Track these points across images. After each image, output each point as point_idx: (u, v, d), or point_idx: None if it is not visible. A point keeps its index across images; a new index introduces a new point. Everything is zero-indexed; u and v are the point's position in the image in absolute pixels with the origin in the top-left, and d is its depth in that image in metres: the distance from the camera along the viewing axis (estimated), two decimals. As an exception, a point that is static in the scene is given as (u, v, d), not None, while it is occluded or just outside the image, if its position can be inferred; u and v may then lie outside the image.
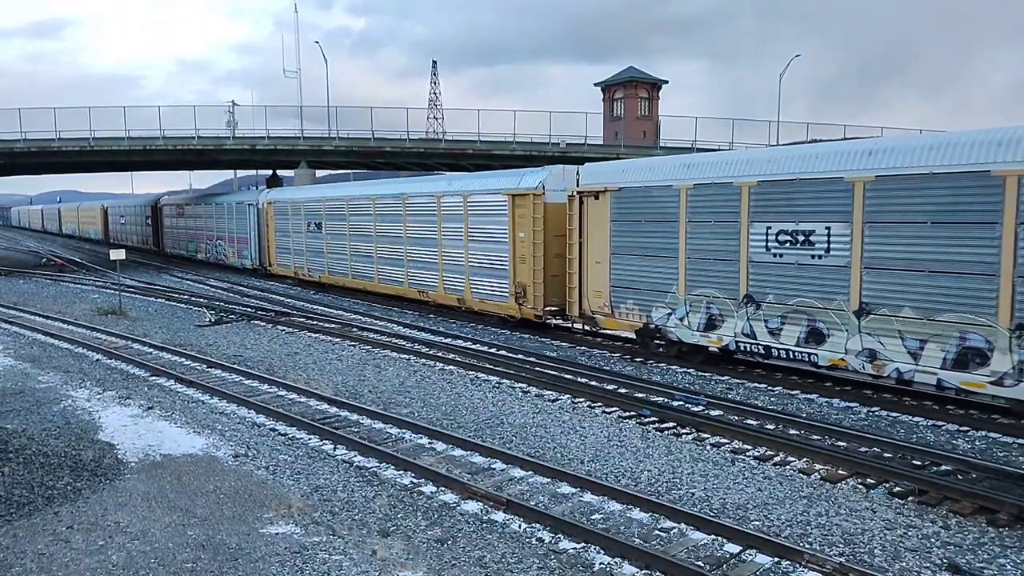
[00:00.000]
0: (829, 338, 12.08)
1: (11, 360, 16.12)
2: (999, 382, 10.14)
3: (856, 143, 12.56)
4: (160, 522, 7.79)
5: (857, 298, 11.66)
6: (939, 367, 10.77)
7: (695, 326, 14.14)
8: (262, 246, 33.58)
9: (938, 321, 10.72)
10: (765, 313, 12.91)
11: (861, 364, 11.70)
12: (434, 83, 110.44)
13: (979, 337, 10.33)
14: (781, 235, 12.60)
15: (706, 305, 13.91)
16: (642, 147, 48.83)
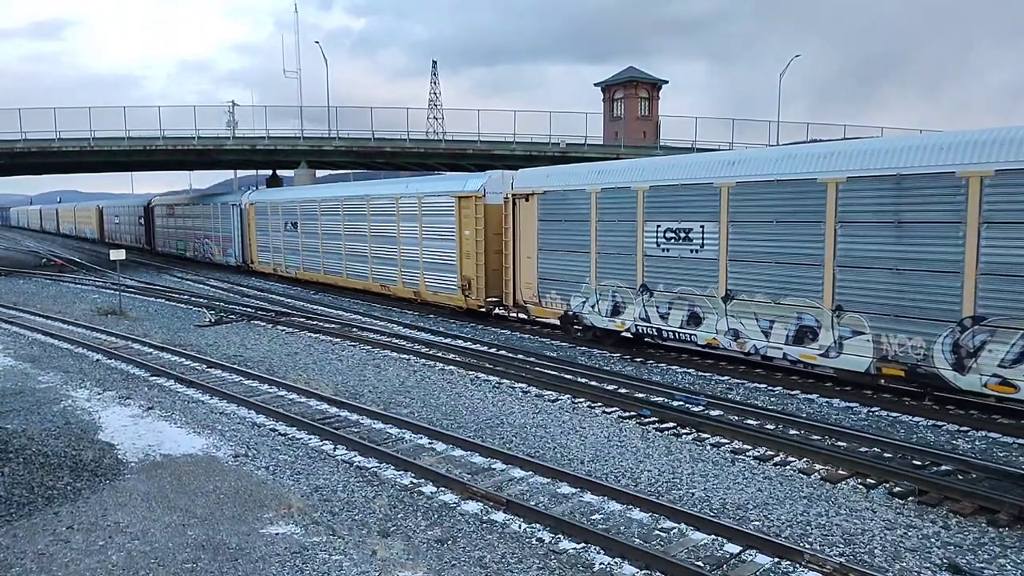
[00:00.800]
0: (704, 320, 14.03)
1: (11, 360, 16.12)
2: (825, 354, 12.19)
3: (723, 154, 14.88)
4: (160, 522, 7.79)
5: (724, 286, 13.66)
6: (783, 343, 12.82)
7: (604, 312, 16.10)
8: (245, 244, 35.27)
9: (783, 304, 12.75)
10: (656, 300, 14.92)
11: (728, 342, 13.68)
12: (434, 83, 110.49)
13: (811, 317, 12.38)
14: (668, 232, 14.58)
15: (612, 294, 15.86)
16: (642, 147, 48.82)
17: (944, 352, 10.73)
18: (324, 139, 40.45)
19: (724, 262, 13.56)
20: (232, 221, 36.44)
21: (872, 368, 11.66)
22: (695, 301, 14.16)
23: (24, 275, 35.98)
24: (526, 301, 18.20)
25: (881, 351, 11.49)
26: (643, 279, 15.07)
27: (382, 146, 40.19)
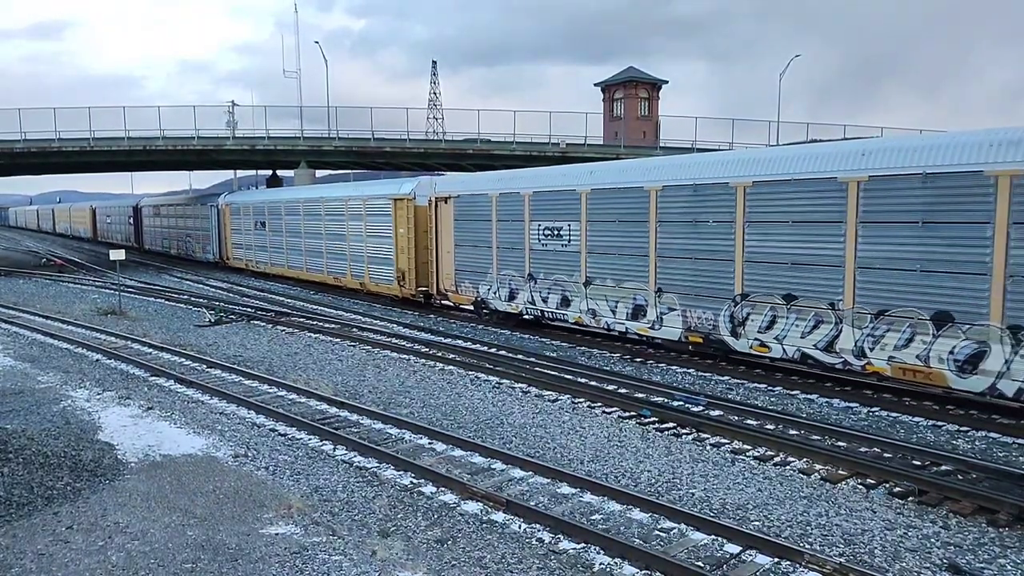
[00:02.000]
0: (572, 302, 17.04)
1: (11, 360, 16.12)
2: (652, 327, 15.21)
3: (584, 166, 17.51)
4: (160, 522, 7.79)
5: (584, 274, 16.63)
6: (625, 319, 15.79)
7: (503, 298, 19.06)
8: (221, 242, 38.23)
9: (624, 288, 15.73)
10: (539, 286, 17.90)
11: (589, 320, 16.69)
12: (434, 83, 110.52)
13: (642, 297, 15.37)
14: (546, 230, 17.53)
15: (509, 282, 18.80)
16: (642, 147, 48.83)
17: (725, 322, 13.86)
18: (324, 139, 40.45)
19: (584, 254, 16.56)
20: (210, 221, 39.20)
21: (682, 336, 14.72)
22: (566, 286, 17.22)
23: (24, 275, 35.98)
24: (447, 290, 21.09)
25: (687, 323, 14.56)
26: (529, 269, 18.12)
27: (382, 146, 40.18)
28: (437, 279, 21.32)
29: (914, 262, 11.08)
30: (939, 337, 10.90)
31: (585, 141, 41.64)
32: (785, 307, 12.86)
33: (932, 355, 10.98)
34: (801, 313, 12.65)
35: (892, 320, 11.45)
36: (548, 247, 17.44)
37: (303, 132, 40.85)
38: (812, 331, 12.50)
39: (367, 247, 25.22)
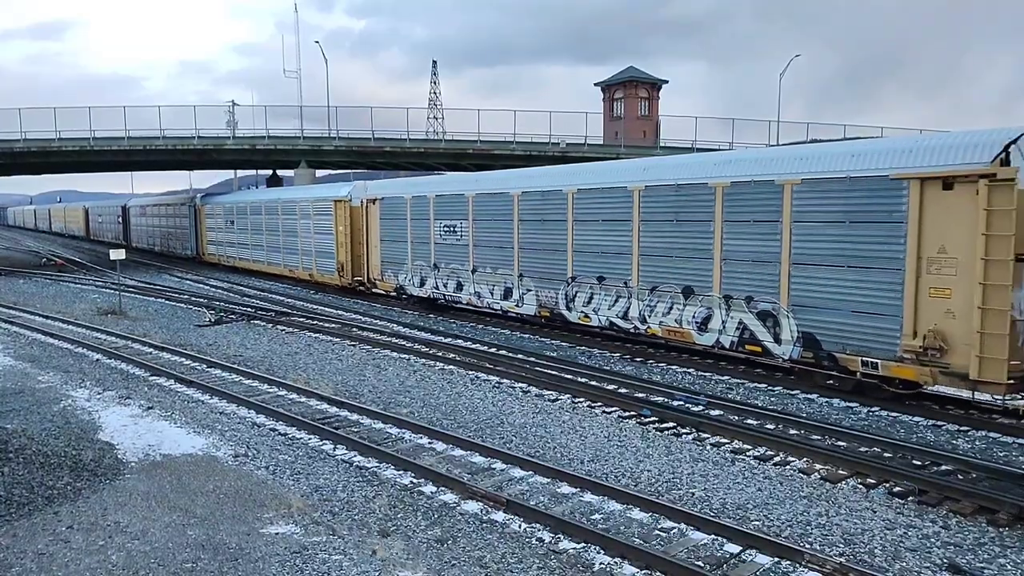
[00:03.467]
0: (464, 287, 20.36)
1: (11, 360, 16.12)
2: (516, 305, 18.60)
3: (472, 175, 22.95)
4: (160, 522, 7.79)
5: (472, 263, 19.97)
6: (499, 299, 19.17)
7: (416, 284, 22.45)
8: (197, 239, 41.83)
9: (498, 274, 19.14)
10: (442, 274, 21.23)
11: (476, 301, 20.02)
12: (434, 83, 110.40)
13: (510, 282, 18.76)
14: (445, 227, 20.88)
15: (420, 271, 22.18)
16: (642, 147, 48.78)
17: (562, 299, 17.31)
18: (324, 139, 40.43)
19: (471, 247, 19.90)
20: (189, 220, 42.59)
21: (536, 312, 18.15)
22: (459, 274, 20.51)
23: (24, 275, 35.97)
24: (375, 279, 24.55)
25: (540, 301, 17.96)
26: (434, 260, 21.40)
27: (382, 146, 40.17)
28: (367, 270, 24.94)
29: (671, 250, 14.73)
30: (687, 305, 14.45)
31: (585, 141, 41.63)
32: (598, 286, 16.37)
33: (683, 319, 14.52)
34: (608, 291, 16.13)
35: (660, 294, 14.97)
36: (447, 241, 20.87)
37: (303, 132, 40.84)
38: (614, 304, 16.02)
39: (314, 243, 28.82)
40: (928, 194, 10.78)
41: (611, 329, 16.37)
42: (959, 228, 10.45)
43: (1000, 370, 10.05)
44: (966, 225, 10.36)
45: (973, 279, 10.25)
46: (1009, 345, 10.02)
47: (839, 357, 12.04)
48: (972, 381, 10.38)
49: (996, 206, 10.03)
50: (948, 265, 10.63)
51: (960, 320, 10.46)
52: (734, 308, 13.53)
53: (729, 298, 13.59)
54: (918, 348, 10.87)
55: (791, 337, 12.68)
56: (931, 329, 10.74)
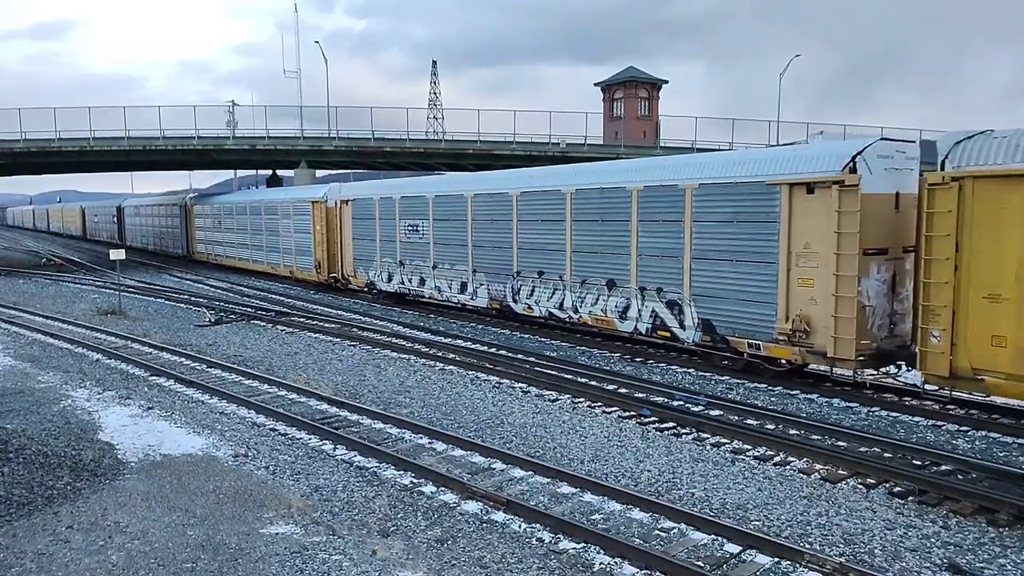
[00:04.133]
0: (426, 282, 22.01)
1: (11, 360, 16.12)
2: (471, 298, 20.24)
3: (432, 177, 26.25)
4: (160, 522, 7.79)
5: (432, 260, 21.60)
6: (457, 293, 20.80)
7: (384, 280, 24.05)
8: (188, 238, 43.70)
9: (455, 270, 20.78)
10: (407, 270, 22.82)
11: (436, 294, 21.73)
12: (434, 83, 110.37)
13: (465, 276, 20.33)
14: (409, 227, 22.49)
15: (387, 268, 23.76)
16: (642, 147, 48.77)
17: (509, 292, 18.84)
18: (324, 139, 40.41)
19: (432, 245, 21.52)
20: (180, 220, 44.41)
21: (488, 304, 19.67)
22: (422, 270, 22.12)
23: (24, 275, 35.97)
24: (348, 275, 26.18)
25: (491, 295, 19.42)
26: (400, 257, 23.01)
27: (382, 146, 40.16)
28: (341, 267, 26.69)
29: (597, 247, 16.25)
30: (610, 297, 16.01)
31: (585, 141, 41.62)
32: (539, 280, 17.96)
33: (607, 308, 16.09)
34: (547, 284, 17.75)
35: (589, 286, 16.56)
36: (411, 240, 22.49)
37: (303, 132, 40.82)
38: (552, 296, 17.64)
39: (294, 241, 30.57)
40: (796, 197, 12.39)
41: (551, 319, 18.03)
42: (819, 227, 12.00)
43: (850, 349, 11.65)
44: (824, 224, 11.90)
45: (829, 271, 11.82)
46: (857, 327, 11.58)
47: (731, 340, 13.68)
48: (830, 358, 12.02)
49: (845, 208, 11.60)
50: (811, 259, 12.23)
51: (820, 306, 12.08)
52: (648, 298, 15.21)
53: (644, 289, 15.26)
54: (789, 331, 12.51)
55: (693, 323, 14.30)
56: (798, 314, 12.38)
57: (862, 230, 11.51)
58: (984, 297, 10.00)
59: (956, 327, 10.24)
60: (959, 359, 10.24)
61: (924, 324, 10.56)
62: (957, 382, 10.43)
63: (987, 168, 9.96)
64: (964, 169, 10.21)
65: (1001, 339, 9.81)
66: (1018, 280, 9.62)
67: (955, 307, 10.22)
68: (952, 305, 10.24)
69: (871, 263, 11.78)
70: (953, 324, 10.26)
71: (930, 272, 10.48)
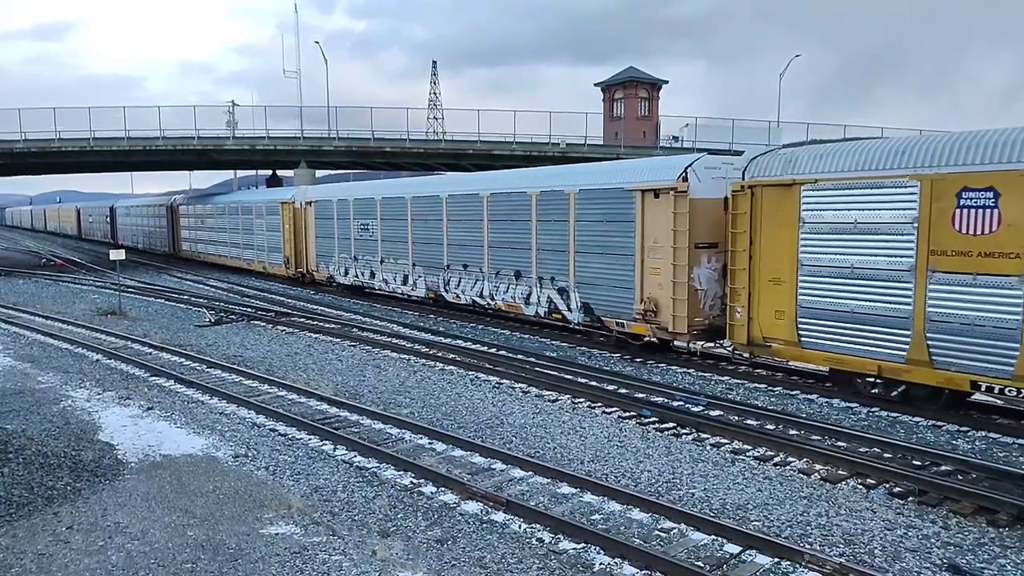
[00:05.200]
0: (375, 275, 24.61)
1: (11, 360, 16.11)
2: (412, 289, 22.83)
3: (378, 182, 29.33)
4: (160, 522, 7.79)
5: (380, 255, 24.19)
6: (400, 285, 23.35)
7: (342, 273, 26.70)
8: (174, 237, 46.41)
9: (398, 264, 23.26)
10: (359, 264, 25.49)
11: (383, 286, 24.49)
12: (434, 83, 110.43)
13: (407, 270, 22.86)
14: (362, 225, 25.14)
15: (344, 263, 26.38)
16: (642, 147, 48.75)
17: (441, 283, 21.36)
18: (324, 139, 40.40)
19: (380, 242, 24.08)
20: (167, 220, 47.01)
21: (425, 294, 22.25)
22: (372, 264, 24.68)
23: (24, 275, 35.97)
24: (312, 270, 29.09)
25: (427, 286, 22.01)
26: (354, 253, 25.64)
27: (382, 146, 40.15)
28: (306, 263, 29.46)
29: (507, 243, 18.82)
30: (517, 285, 18.60)
31: (585, 141, 41.61)
32: (464, 272, 20.40)
33: (515, 296, 18.70)
34: (470, 275, 20.20)
35: (502, 277, 19.08)
36: (364, 238, 25.05)
37: (303, 132, 40.79)
38: (474, 286, 20.04)
39: (266, 239, 33.15)
40: (647, 201, 14.93)
41: (474, 306, 20.44)
42: (663, 225, 14.57)
43: (684, 325, 14.36)
44: (666, 223, 14.45)
45: (670, 261, 14.42)
46: (690, 307, 14.28)
47: (604, 320, 16.27)
48: (671, 333, 14.67)
49: (678, 210, 14.16)
50: (658, 252, 14.77)
51: (664, 290, 14.68)
52: (544, 286, 17.82)
53: (541, 279, 17.87)
54: (643, 311, 15.07)
55: (577, 307, 16.89)
56: (649, 297, 15.01)
57: (693, 228, 14.08)
58: (769, 280, 12.75)
59: (751, 305, 13.04)
60: (754, 330, 13.08)
61: (731, 303, 13.47)
62: (754, 348, 13.19)
63: (769, 179, 12.67)
64: (755, 179, 12.87)
65: (781, 313, 12.64)
66: (791, 267, 12.39)
67: (750, 289, 13.00)
68: (748, 287, 13.01)
69: (702, 255, 14.31)
70: (749, 302, 13.06)
71: (734, 261, 13.22)
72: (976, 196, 10.38)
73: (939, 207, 10.67)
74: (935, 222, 10.71)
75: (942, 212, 10.64)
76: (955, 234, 10.55)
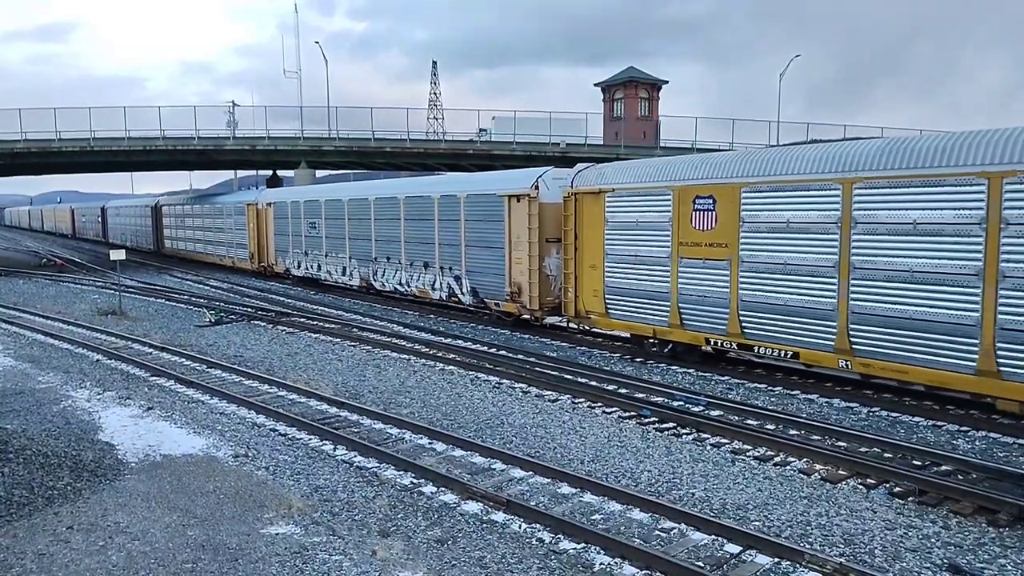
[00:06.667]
0: (321, 267, 28.24)
1: (11, 360, 16.12)
2: (349, 279, 26.66)
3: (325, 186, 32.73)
4: (160, 522, 7.79)
5: (325, 250, 27.77)
6: (340, 276, 26.97)
7: (296, 267, 30.40)
8: (157, 235, 50.14)
9: (339, 257, 26.87)
10: (309, 259, 29.24)
11: (327, 278, 28.06)
12: (434, 83, 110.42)
13: (344, 262, 26.54)
14: (310, 224, 28.83)
15: (297, 257, 30.14)
16: (642, 147, 48.73)
17: (371, 273, 24.94)
18: (324, 139, 40.41)
19: (324, 239, 27.79)
20: (152, 220, 50.86)
21: (359, 284, 25.84)
22: (319, 258, 28.36)
23: (24, 275, 35.97)
24: (271, 264, 32.71)
25: (361, 276, 25.64)
26: (305, 248, 29.48)
27: (382, 146, 40.16)
28: (267, 257, 33.07)
29: (418, 238, 22.35)
30: (425, 274, 22.15)
31: (585, 141, 41.63)
32: (387, 263, 24.04)
33: (424, 283, 22.23)
34: (392, 266, 23.79)
35: (415, 267, 22.62)
36: (311, 235, 28.86)
37: (303, 132, 40.81)
38: (395, 275, 23.68)
39: (235, 237, 36.43)
40: (512, 205, 18.51)
41: (396, 293, 24.13)
42: (523, 224, 18.17)
43: (537, 303, 18.08)
44: (524, 222, 18.08)
45: (527, 253, 18.04)
46: (542, 289, 17.97)
47: (487, 301, 19.88)
48: (529, 310, 18.36)
49: (532, 212, 17.86)
50: (520, 245, 18.33)
51: (524, 276, 18.30)
52: (444, 274, 21.29)
53: (443, 268, 21.35)
54: (511, 293, 18.82)
55: (468, 291, 20.47)
56: (514, 281, 18.68)
57: (542, 226, 17.79)
58: (589, 267, 16.28)
59: (577, 286, 16.65)
60: (579, 305, 16.73)
61: (564, 285, 17.16)
62: (580, 319, 17.02)
63: (586, 188, 16.27)
64: (578, 188, 16.47)
65: (596, 292, 16.12)
66: (601, 256, 15.90)
67: (576, 273, 16.63)
68: (575, 272, 16.64)
69: (552, 247, 17.83)
70: (576, 284, 16.67)
71: (566, 252, 16.90)
72: (703, 202, 13.85)
73: (683, 210, 14.14)
74: (681, 221, 14.20)
75: (685, 214, 14.12)
76: (692, 230, 14.03)
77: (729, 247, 13.29)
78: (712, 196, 13.56)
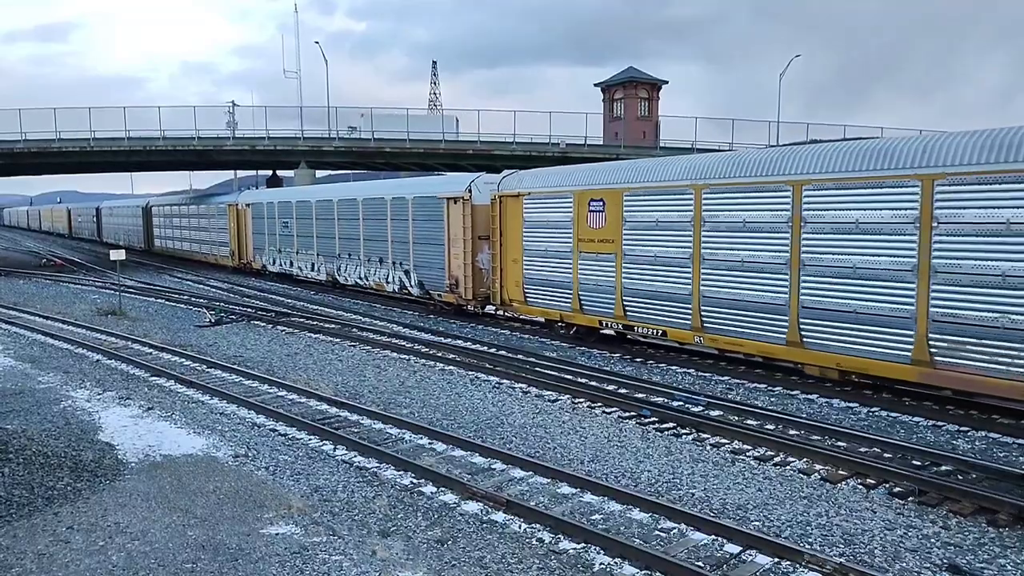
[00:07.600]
0: (293, 264, 30.54)
1: (11, 360, 16.12)
2: (317, 274, 28.87)
3: (296, 188, 36.80)
4: (160, 523, 7.79)
5: (295, 248, 30.04)
6: (309, 272, 29.47)
7: (271, 264, 32.45)
8: (148, 234, 52.61)
9: (308, 254, 29.19)
10: (282, 256, 31.38)
11: (300, 273, 30.15)
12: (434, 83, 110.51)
13: (313, 258, 28.93)
14: (283, 223, 31.05)
15: (272, 254, 32.23)
16: (642, 147, 48.72)
17: (335, 269, 27.25)
18: (324, 139, 40.42)
19: (295, 238, 30.04)
20: (141, 219, 53.27)
21: (325, 279, 28.03)
22: (291, 255, 30.60)
23: (24, 275, 35.97)
24: (249, 261, 34.75)
25: (327, 271, 27.77)
26: (279, 246, 31.62)
27: (382, 147, 40.16)
28: (246, 255, 35.15)
29: (374, 236, 24.68)
30: (380, 269, 24.47)
31: (585, 141, 41.64)
32: (349, 260, 26.34)
33: (380, 277, 24.50)
34: (353, 262, 26.10)
35: (372, 263, 24.94)
36: (284, 234, 31.09)
37: (303, 132, 40.82)
38: (356, 270, 25.95)
39: (217, 236, 38.46)
40: (450, 206, 20.70)
41: (357, 286, 26.62)
42: (458, 223, 20.36)
43: (471, 294, 20.33)
44: (460, 222, 20.25)
45: (462, 249, 20.20)
46: (475, 282, 20.22)
47: (431, 292, 22.14)
48: (465, 299, 20.61)
49: (465, 213, 20.06)
50: (457, 242, 20.48)
51: (460, 270, 20.46)
52: (396, 269, 23.62)
53: (395, 263, 23.68)
54: (449, 284, 20.96)
55: (416, 283, 22.79)
56: (453, 274, 20.83)
57: (475, 225, 19.95)
58: (511, 261, 18.42)
59: (502, 277, 18.76)
60: (504, 295, 18.86)
61: (492, 276, 19.26)
62: (505, 307, 19.12)
63: (508, 191, 18.41)
64: (502, 192, 18.56)
65: (518, 282, 18.24)
66: (520, 251, 18.02)
67: (501, 266, 18.74)
68: (500, 265, 18.74)
69: (484, 244, 19.81)
70: (501, 275, 18.79)
71: (494, 248, 18.94)
72: (596, 204, 15.99)
73: (581, 211, 16.32)
74: (580, 221, 16.36)
75: (583, 214, 16.28)
76: (588, 228, 16.18)
77: (615, 243, 15.55)
78: (603, 199, 15.80)
